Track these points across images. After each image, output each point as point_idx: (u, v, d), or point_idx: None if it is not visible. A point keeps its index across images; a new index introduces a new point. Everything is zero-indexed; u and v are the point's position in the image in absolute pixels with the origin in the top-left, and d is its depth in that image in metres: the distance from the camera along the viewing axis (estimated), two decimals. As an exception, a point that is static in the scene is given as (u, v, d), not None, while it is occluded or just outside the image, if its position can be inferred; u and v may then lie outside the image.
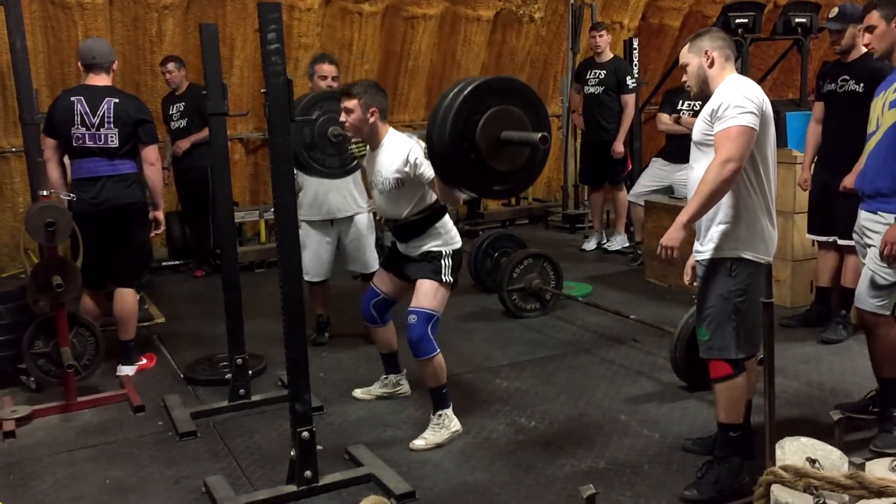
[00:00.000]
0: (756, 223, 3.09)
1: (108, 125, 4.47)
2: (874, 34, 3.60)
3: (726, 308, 3.08)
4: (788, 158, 5.53)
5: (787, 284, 5.56)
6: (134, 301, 4.76)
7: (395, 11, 8.01)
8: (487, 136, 2.96)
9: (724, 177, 2.94)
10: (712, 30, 3.24)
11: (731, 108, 2.96)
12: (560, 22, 8.84)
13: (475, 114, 2.95)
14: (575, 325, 5.42)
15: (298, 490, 3.20)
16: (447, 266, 3.74)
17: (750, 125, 2.96)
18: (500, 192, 3.30)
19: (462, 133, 2.94)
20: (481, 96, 2.97)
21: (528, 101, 3.10)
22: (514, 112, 3.01)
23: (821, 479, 1.93)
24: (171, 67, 6.70)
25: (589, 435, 3.77)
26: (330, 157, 4.33)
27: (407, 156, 3.64)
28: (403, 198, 3.73)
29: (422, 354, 3.66)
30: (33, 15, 6.61)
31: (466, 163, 2.99)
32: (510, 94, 3.05)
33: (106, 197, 4.49)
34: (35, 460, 3.71)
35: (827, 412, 3.51)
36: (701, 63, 3.13)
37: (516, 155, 3.05)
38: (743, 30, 7.72)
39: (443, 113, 2.97)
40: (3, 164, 6.90)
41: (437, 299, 3.72)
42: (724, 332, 3.10)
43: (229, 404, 4.16)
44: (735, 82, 3.07)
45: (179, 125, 6.80)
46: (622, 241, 7.45)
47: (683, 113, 6.81)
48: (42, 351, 4.32)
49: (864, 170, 3.61)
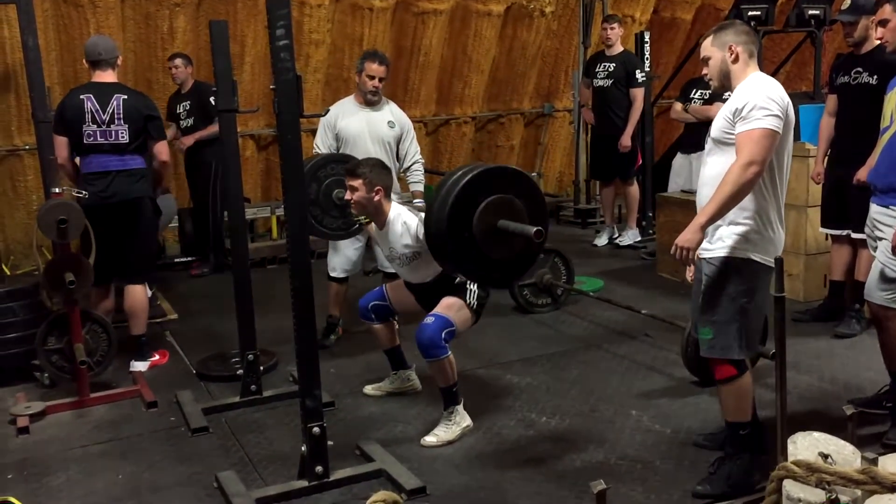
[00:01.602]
0: (768, 226, 3.03)
1: (118, 121, 4.49)
2: (887, 27, 3.57)
3: (732, 308, 3.04)
4: (801, 151, 5.49)
5: (801, 278, 5.53)
6: (144, 296, 4.78)
7: (405, 7, 7.99)
8: (484, 223, 2.99)
9: (746, 179, 2.88)
10: (736, 23, 3.15)
11: (756, 110, 2.90)
12: (571, 16, 8.80)
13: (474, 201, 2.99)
14: (586, 320, 5.41)
15: (309, 485, 3.21)
16: (472, 292, 3.78)
17: (774, 128, 2.91)
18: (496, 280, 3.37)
19: (460, 219, 2.98)
20: (482, 184, 3.01)
21: (528, 193, 3.12)
22: (516, 203, 3.04)
23: (833, 474, 1.91)
24: (178, 63, 6.69)
25: (600, 430, 3.76)
26: (329, 218, 4.30)
27: (416, 233, 3.73)
28: (423, 264, 3.81)
29: (431, 357, 3.64)
30: (45, 13, 6.63)
31: (461, 250, 3.03)
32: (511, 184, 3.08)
33: (115, 191, 4.52)
34: (48, 456, 3.73)
35: (840, 407, 3.48)
36: (724, 58, 3.06)
37: (512, 245, 3.07)
38: (756, 22, 7.66)
39: (442, 197, 3.01)
40: (16, 161, 6.94)
41: (459, 314, 3.73)
42: (729, 332, 3.05)
43: (241, 400, 4.18)
44: (760, 81, 3.01)
45: (187, 124, 6.79)
46: (634, 236, 7.43)
47: (695, 101, 6.79)
48: (55, 347, 4.35)
49: (878, 164, 3.58)
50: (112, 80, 4.60)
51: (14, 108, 6.78)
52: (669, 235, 6.22)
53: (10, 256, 6.84)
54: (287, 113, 3.03)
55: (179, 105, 6.81)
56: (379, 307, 4.05)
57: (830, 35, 9.18)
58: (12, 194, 7.01)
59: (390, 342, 4.19)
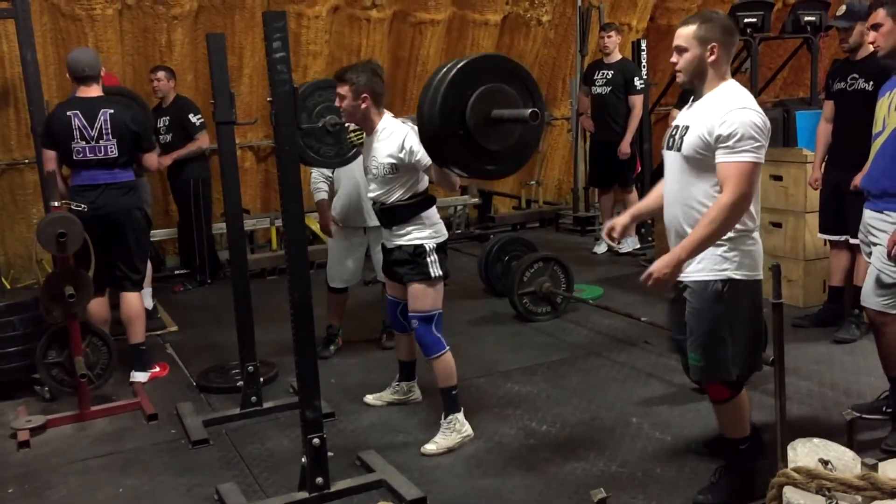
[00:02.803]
0: (746, 241, 2.93)
1: (106, 136, 4.52)
2: (880, 32, 3.57)
3: (720, 332, 2.94)
4: (799, 157, 5.50)
5: (800, 284, 5.53)
6: (139, 304, 4.79)
7: (402, 17, 8.02)
8: (478, 113, 2.89)
9: (736, 216, 2.79)
10: (720, 18, 2.91)
11: (744, 140, 2.75)
12: (568, 25, 8.83)
13: (466, 90, 2.89)
14: (586, 328, 5.41)
15: (310, 497, 3.20)
16: (433, 262, 3.74)
17: (761, 161, 2.80)
18: (490, 172, 3.19)
19: (452, 110, 2.88)
20: (472, 74, 2.90)
21: (521, 80, 3.01)
22: (507, 90, 2.94)
23: (833, 480, 1.91)
24: (160, 76, 6.59)
25: (601, 438, 3.76)
26: (326, 147, 4.27)
27: (402, 142, 3.62)
28: (397, 183, 3.71)
29: (431, 353, 3.71)
30: (44, 27, 6.66)
31: (456, 140, 2.92)
32: (503, 73, 2.98)
33: (104, 203, 4.54)
34: (49, 470, 3.73)
35: (840, 412, 3.49)
36: (703, 56, 2.85)
37: (507, 134, 2.98)
38: (752, 29, 7.71)
39: (433, 89, 2.91)
40: (15, 175, 6.95)
41: (432, 297, 3.74)
42: (720, 356, 2.97)
43: (241, 412, 4.17)
44: (739, 98, 2.84)
45: (166, 139, 6.67)
46: (633, 243, 7.43)
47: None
48: (55, 361, 4.35)
49: (871, 170, 3.59)
50: (97, 94, 4.61)
51: (13, 123, 6.80)
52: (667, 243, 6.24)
53: (11, 270, 6.85)
54: (285, 124, 3.04)
55: (160, 120, 6.68)
56: (403, 309, 4.00)
57: (826, 41, 9.22)
58: (12, 208, 7.02)
59: (410, 355, 4.19)
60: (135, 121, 4.65)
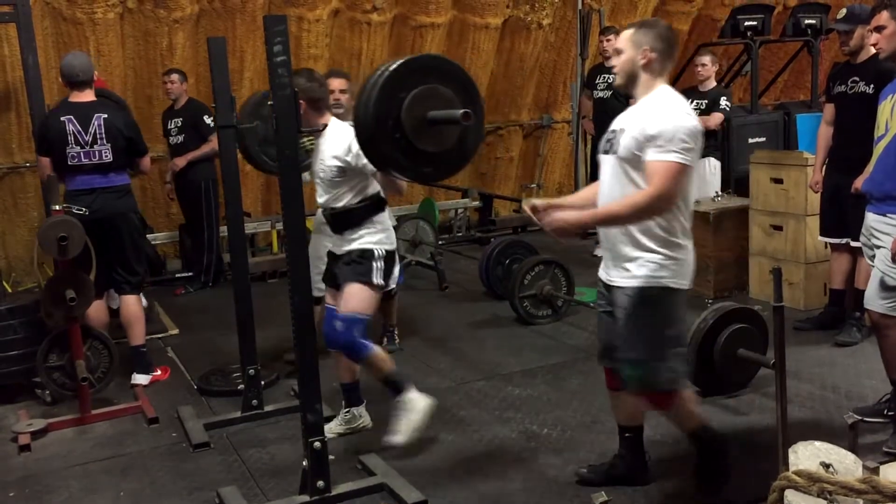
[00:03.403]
0: (681, 251, 2.93)
1: (101, 141, 4.55)
2: (883, 34, 3.57)
3: (657, 340, 2.94)
4: (800, 161, 5.51)
5: (801, 287, 5.53)
6: (138, 306, 4.81)
7: (403, 20, 8.03)
8: (413, 115, 2.82)
9: (651, 211, 2.81)
10: (660, 27, 2.98)
11: (675, 141, 2.77)
12: (568, 28, 8.84)
13: (401, 93, 2.80)
14: (587, 330, 5.40)
15: (311, 500, 3.20)
16: (378, 269, 3.66)
17: (690, 164, 2.81)
18: (427, 175, 3.12)
19: (386, 113, 2.80)
20: (407, 75, 2.84)
21: (459, 81, 2.93)
22: (443, 91, 2.85)
23: (835, 483, 1.91)
24: (173, 78, 6.65)
25: (601, 441, 3.76)
26: None
27: (349, 144, 3.54)
28: (345, 186, 3.67)
29: (356, 357, 3.64)
30: (45, 31, 6.67)
31: (391, 143, 2.85)
32: (440, 74, 2.91)
33: (100, 206, 4.57)
34: (50, 473, 3.73)
35: (841, 416, 3.50)
36: (635, 59, 2.91)
37: (444, 136, 2.90)
38: (752, 32, 7.71)
39: (367, 92, 2.85)
40: (17, 178, 6.96)
41: (365, 302, 3.64)
42: (658, 366, 2.96)
43: (242, 415, 4.18)
44: (671, 102, 2.90)
45: (177, 140, 6.73)
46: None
47: None
48: (56, 364, 4.36)
49: (873, 173, 3.59)
50: (90, 99, 4.63)
51: (15, 126, 6.81)
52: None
53: (12, 273, 6.86)
54: (285, 128, 3.04)
55: (171, 121, 6.75)
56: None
57: (827, 44, 9.22)
58: (13, 211, 7.03)
59: (352, 375, 3.91)
60: (127, 126, 4.69)
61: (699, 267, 5.88)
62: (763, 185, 5.75)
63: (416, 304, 6.28)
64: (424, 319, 5.85)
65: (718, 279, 5.94)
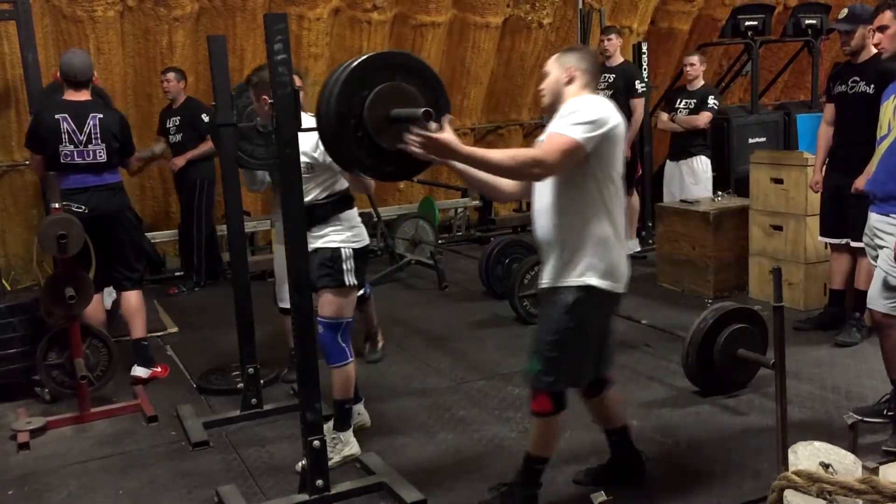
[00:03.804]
0: (609, 251, 2.89)
1: (95, 141, 4.55)
2: (886, 34, 3.56)
3: (564, 339, 2.92)
4: (800, 161, 5.51)
5: (801, 287, 5.52)
6: (138, 300, 4.83)
7: (403, 19, 8.03)
8: (376, 113, 2.75)
9: (523, 171, 2.79)
10: (584, 51, 3.09)
11: (580, 122, 2.75)
12: (569, 27, 8.83)
13: (363, 90, 2.72)
14: (587, 330, 5.40)
15: (310, 499, 3.19)
16: (348, 269, 3.63)
17: (583, 144, 2.74)
18: (390, 174, 3.05)
19: (348, 110, 2.72)
20: (371, 72, 2.76)
21: (424, 77, 2.84)
22: (407, 89, 2.77)
23: (834, 483, 1.91)
24: (170, 77, 6.63)
25: (602, 441, 3.73)
26: (258, 148, 4.22)
27: (316, 141, 3.49)
28: (312, 182, 3.65)
29: (332, 361, 3.61)
30: (45, 29, 6.67)
31: (353, 140, 2.76)
32: (404, 70, 2.81)
33: (94, 205, 4.57)
34: (49, 471, 3.73)
35: (841, 416, 3.50)
36: (559, 78, 2.95)
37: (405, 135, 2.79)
38: (752, 32, 7.72)
39: (328, 90, 2.78)
40: (16, 176, 6.96)
41: (340, 306, 3.61)
42: (558, 363, 2.93)
43: (241, 414, 4.17)
44: (593, 98, 2.91)
45: (176, 139, 6.72)
46: (634, 246, 7.42)
47: (681, 112, 6.97)
48: (56, 362, 4.35)
49: (876, 173, 3.59)
50: (86, 98, 4.63)
51: (14, 124, 6.81)
52: (669, 245, 6.25)
53: (11, 271, 6.85)
54: (286, 127, 3.04)
55: (169, 120, 6.73)
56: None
57: (827, 44, 9.22)
58: (13, 209, 7.02)
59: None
60: (121, 127, 4.71)
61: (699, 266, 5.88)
62: (763, 186, 5.75)
63: (416, 304, 6.27)
64: (424, 319, 5.85)
65: (718, 279, 5.94)
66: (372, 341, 5.05)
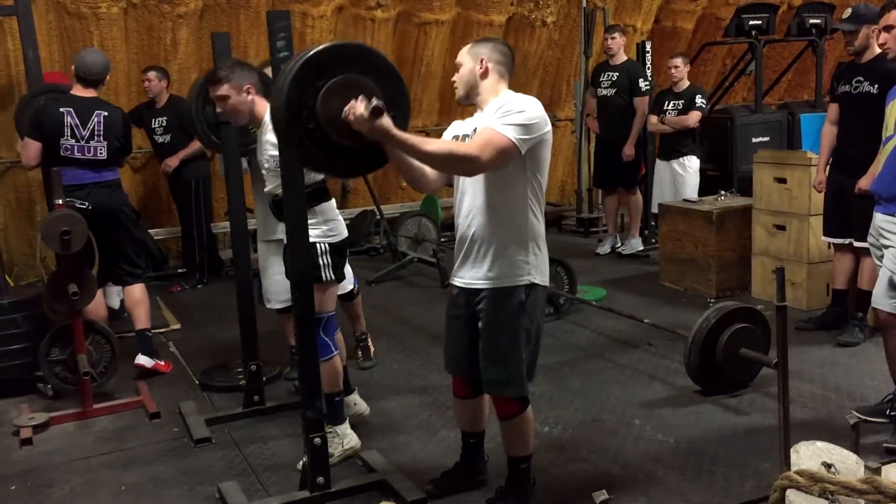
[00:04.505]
0: (541, 248, 2.93)
1: (97, 138, 4.56)
2: (892, 34, 3.56)
3: (523, 340, 2.91)
4: (803, 160, 5.50)
5: (803, 287, 5.52)
6: (141, 292, 4.87)
7: (407, 17, 8.02)
8: (329, 106, 2.63)
9: (453, 166, 2.78)
10: (496, 41, 3.04)
11: (514, 124, 2.72)
12: (573, 26, 8.82)
13: (318, 81, 2.62)
14: (589, 329, 5.40)
15: (311, 496, 3.20)
16: (325, 265, 3.57)
17: (518, 147, 2.73)
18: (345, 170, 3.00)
19: (300, 101, 2.62)
20: (326, 63, 2.64)
21: (382, 71, 2.75)
22: (364, 82, 2.67)
23: (836, 483, 1.91)
24: (151, 76, 6.53)
25: (602, 440, 3.76)
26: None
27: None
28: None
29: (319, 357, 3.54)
30: (49, 25, 6.67)
31: (305, 134, 2.66)
32: (361, 63, 2.71)
33: (93, 202, 4.58)
34: (52, 467, 3.74)
35: (843, 416, 3.49)
36: (474, 69, 2.93)
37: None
38: (756, 31, 7.72)
39: (280, 82, 2.69)
40: (20, 173, 6.95)
41: (319, 301, 3.50)
42: (521, 367, 2.93)
43: (244, 411, 4.17)
44: (519, 95, 2.88)
45: (164, 140, 6.64)
46: (637, 245, 7.42)
47: (669, 113, 7.00)
48: (58, 358, 4.36)
49: (882, 174, 3.59)
50: (92, 95, 4.64)
51: (17, 120, 6.80)
52: (672, 244, 6.25)
53: (14, 267, 6.86)
54: (288, 124, 3.03)
55: (154, 120, 6.62)
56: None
57: (831, 44, 9.21)
58: (16, 206, 7.03)
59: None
60: (123, 124, 4.73)
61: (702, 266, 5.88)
62: (766, 185, 5.74)
63: (419, 301, 6.27)
64: (426, 316, 5.85)
65: (721, 278, 5.94)
66: (363, 348, 4.91)
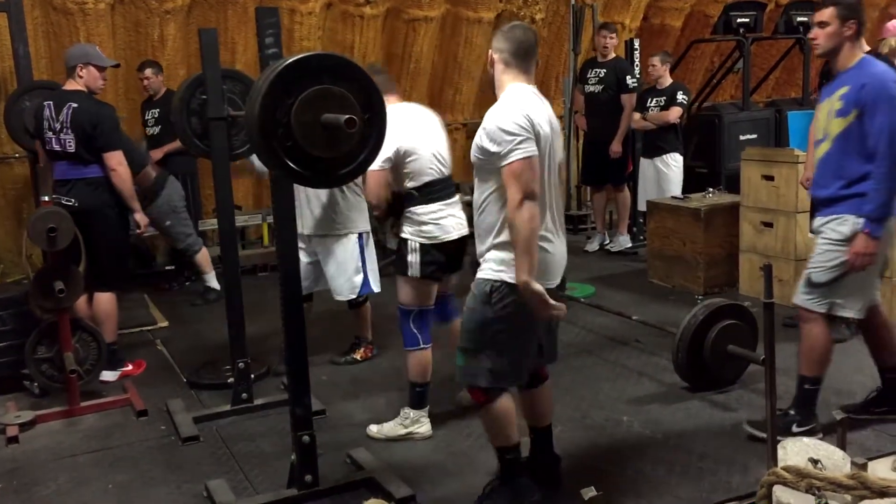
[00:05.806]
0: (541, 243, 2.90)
1: (66, 130, 4.48)
2: (824, 30, 3.52)
3: (485, 335, 2.91)
4: (790, 158, 5.52)
5: (791, 284, 5.52)
6: (111, 304, 4.71)
7: (396, 14, 8.01)
8: (304, 120, 2.61)
9: (525, 217, 2.73)
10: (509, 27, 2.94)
11: (505, 142, 2.74)
12: (561, 23, 8.83)
13: (288, 98, 2.60)
14: (577, 326, 5.41)
15: (299, 494, 3.20)
16: (414, 262, 3.69)
17: (528, 154, 2.75)
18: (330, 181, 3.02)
19: (273, 119, 2.59)
20: (295, 78, 2.62)
21: (354, 79, 2.73)
22: (336, 91, 2.65)
23: (823, 479, 1.92)
24: (147, 73, 6.52)
25: (591, 436, 3.77)
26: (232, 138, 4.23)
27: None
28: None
29: (405, 345, 3.81)
30: (35, 21, 6.62)
31: (284, 153, 2.63)
32: (332, 73, 2.69)
33: (75, 199, 4.51)
34: (38, 465, 3.72)
35: (830, 412, 3.50)
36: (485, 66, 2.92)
37: (339, 140, 2.67)
38: (744, 29, 7.74)
39: (254, 92, 2.64)
40: (6, 169, 6.92)
41: (407, 294, 3.74)
42: (479, 360, 2.93)
43: (232, 408, 4.16)
44: (504, 100, 2.86)
45: (153, 132, 6.62)
46: (625, 242, 7.44)
47: (651, 110, 7.05)
48: (45, 356, 4.33)
49: (816, 179, 3.66)
50: (73, 88, 4.57)
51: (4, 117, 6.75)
52: (660, 241, 6.27)
53: (0, 265, 6.81)
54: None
55: (148, 112, 6.61)
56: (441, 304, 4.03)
57: (819, 41, 9.21)
58: (2, 202, 6.98)
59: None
60: (95, 116, 4.49)
61: (690, 263, 5.89)
62: (754, 182, 5.76)
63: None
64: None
65: (708, 275, 5.96)
66: (354, 346, 4.91)
